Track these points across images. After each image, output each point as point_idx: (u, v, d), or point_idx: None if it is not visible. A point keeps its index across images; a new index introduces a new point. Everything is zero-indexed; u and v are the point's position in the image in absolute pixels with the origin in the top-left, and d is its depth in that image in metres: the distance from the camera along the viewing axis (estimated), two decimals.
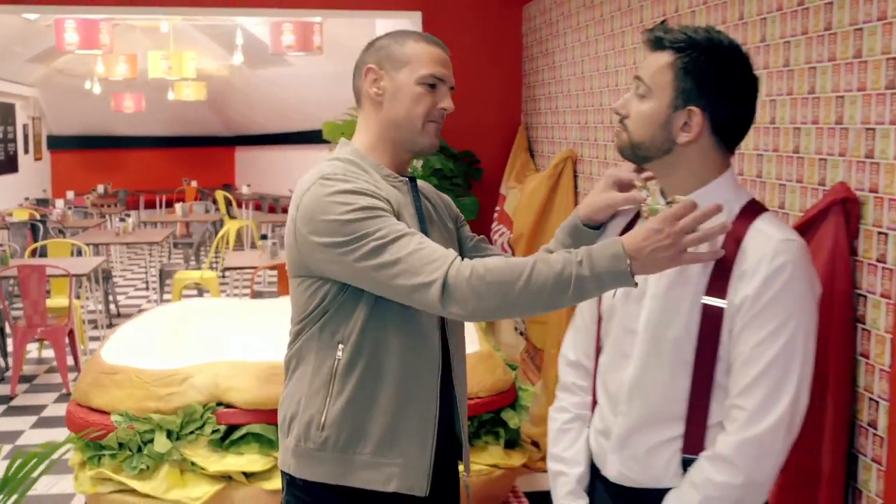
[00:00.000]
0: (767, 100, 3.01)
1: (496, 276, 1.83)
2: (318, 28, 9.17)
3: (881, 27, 2.43)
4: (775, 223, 1.82)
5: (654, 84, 1.82)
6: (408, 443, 2.09)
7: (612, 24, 4.45)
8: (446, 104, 2.15)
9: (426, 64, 2.13)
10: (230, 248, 11.08)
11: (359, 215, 1.95)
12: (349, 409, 2.08)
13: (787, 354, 1.73)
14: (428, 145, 2.16)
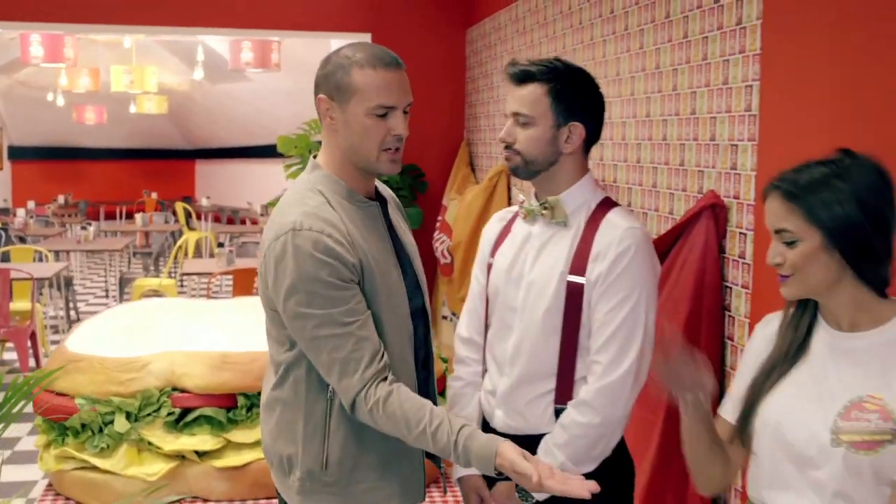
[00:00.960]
0: (660, 119, 3.45)
1: (399, 417, 1.98)
2: (277, 46, 9.55)
3: (741, 59, 2.87)
4: (623, 215, 2.25)
5: (534, 112, 2.23)
6: (404, 463, 2.18)
7: (540, 49, 4.88)
8: (400, 130, 2.07)
9: (374, 94, 2.03)
10: (189, 258, 11.38)
11: (306, 289, 1.99)
12: (348, 446, 2.12)
13: (632, 318, 2.15)
14: (386, 171, 2.12)
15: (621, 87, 3.81)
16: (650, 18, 3.53)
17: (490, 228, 2.47)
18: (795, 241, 1.67)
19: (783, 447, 1.72)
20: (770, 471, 1.76)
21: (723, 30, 2.98)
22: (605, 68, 3.98)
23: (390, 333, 2.12)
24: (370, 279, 2.08)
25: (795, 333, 1.77)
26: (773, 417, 1.74)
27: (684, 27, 3.25)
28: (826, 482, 1.64)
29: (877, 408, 1.61)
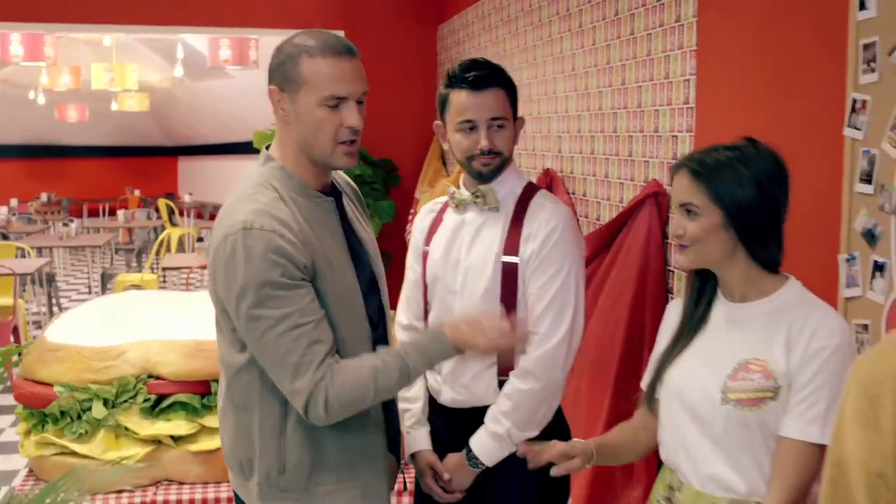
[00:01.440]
0: (611, 112, 3.61)
1: (351, 379, 1.95)
2: (255, 43, 9.67)
3: (680, 54, 3.04)
4: (549, 197, 2.43)
5: (505, 114, 2.38)
6: (364, 466, 2.13)
7: (504, 46, 5.04)
8: (353, 122, 2.00)
9: (325, 84, 1.97)
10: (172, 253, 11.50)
11: (258, 292, 1.92)
12: (304, 448, 2.07)
13: (564, 290, 2.32)
14: (343, 166, 2.07)
15: (577, 82, 3.97)
16: (601, 16, 3.69)
17: (421, 220, 2.62)
18: (698, 215, 1.84)
19: (684, 409, 1.89)
20: (674, 433, 1.93)
21: (664, 27, 3.15)
22: (562, 64, 4.14)
23: (345, 333, 2.05)
24: (323, 278, 2.01)
25: (696, 307, 1.95)
26: (674, 384, 1.91)
27: (631, 24, 3.42)
28: (720, 438, 1.81)
29: (760, 369, 1.79)
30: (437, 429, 2.51)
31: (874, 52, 2.09)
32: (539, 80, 4.44)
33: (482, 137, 2.34)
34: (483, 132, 2.34)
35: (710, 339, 1.90)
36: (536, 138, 4.49)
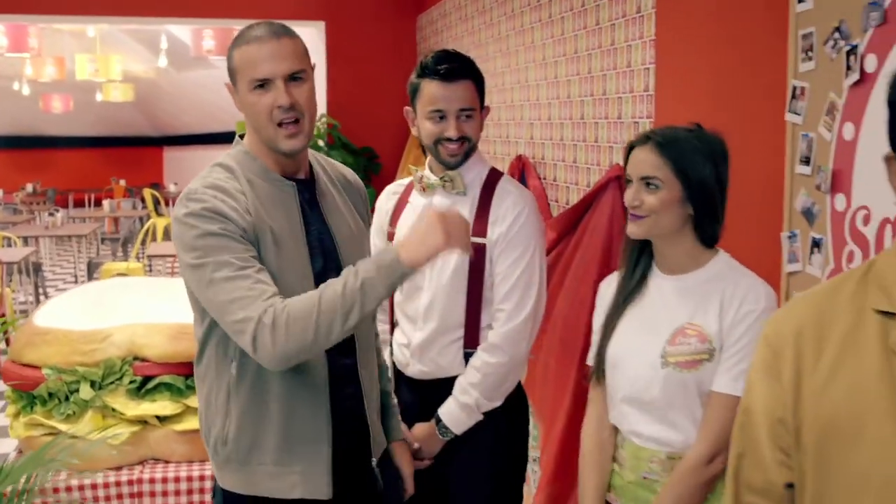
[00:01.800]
0: (578, 99, 3.75)
1: (303, 302, 1.92)
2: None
3: (640, 44, 3.18)
4: (513, 183, 2.57)
5: (474, 104, 2.52)
6: (304, 450, 2.11)
7: (479, 36, 5.17)
8: (281, 101, 2.00)
9: (248, 69, 2.02)
10: (158, 242, 11.59)
11: (200, 243, 1.96)
12: (245, 422, 2.10)
13: (529, 270, 2.48)
14: (287, 150, 2.06)
15: (547, 71, 4.11)
16: (570, 6, 3.83)
17: (385, 202, 2.77)
18: (659, 188, 1.97)
19: (625, 374, 2.04)
20: (619, 399, 2.07)
21: (626, 17, 3.29)
22: (533, 53, 4.27)
23: None
24: (267, 251, 2.03)
25: (632, 281, 2.09)
26: (617, 352, 2.05)
27: (596, 15, 3.55)
28: (659, 399, 1.96)
29: (696, 333, 1.94)
30: (405, 400, 2.65)
31: (811, 42, 2.24)
32: (512, 68, 4.58)
33: (451, 127, 2.47)
34: (452, 122, 2.48)
35: (647, 308, 2.05)
36: (510, 125, 4.63)
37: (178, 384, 4.31)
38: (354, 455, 2.23)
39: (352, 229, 2.22)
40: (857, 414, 1.19)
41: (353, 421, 2.20)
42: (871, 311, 1.22)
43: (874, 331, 1.21)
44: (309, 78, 2.07)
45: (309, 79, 2.07)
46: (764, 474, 1.30)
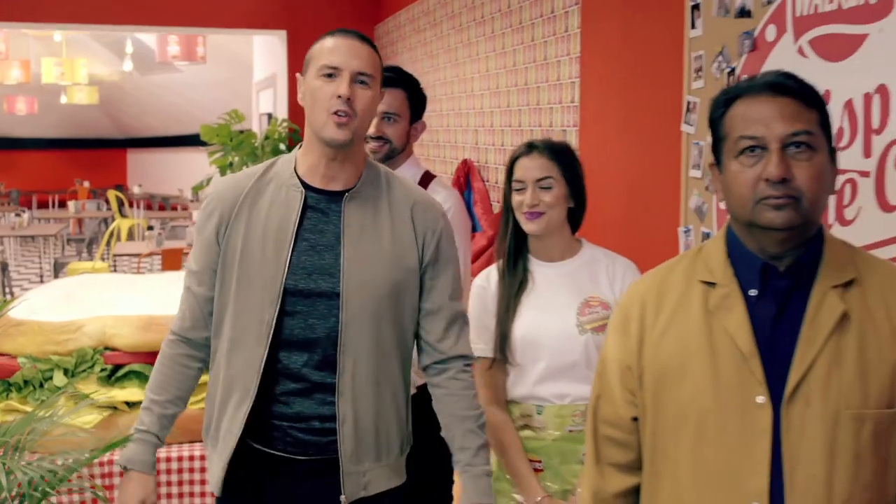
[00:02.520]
0: (516, 108, 4.10)
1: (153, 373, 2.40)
2: (202, 39, 10.04)
3: (568, 60, 3.53)
4: (442, 184, 2.91)
5: (400, 112, 2.85)
6: (219, 439, 2.18)
7: (431, 47, 5.51)
8: (342, 91, 2.02)
9: (322, 56, 2.08)
10: (123, 242, 11.82)
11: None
12: (207, 405, 2.26)
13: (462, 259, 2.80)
14: (330, 137, 2.05)
15: (490, 81, 4.46)
16: (509, 23, 4.18)
17: None
18: (552, 188, 2.32)
19: (541, 351, 2.36)
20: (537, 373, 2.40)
21: (556, 35, 3.64)
22: (478, 64, 4.62)
23: (242, 310, 2.12)
24: (232, 252, 2.12)
25: (516, 275, 2.42)
26: (526, 331, 2.37)
27: (532, 32, 3.91)
28: (581, 360, 2.30)
29: (598, 302, 2.31)
30: None
31: (701, 64, 2.60)
32: (460, 79, 4.92)
33: (372, 126, 2.81)
34: (375, 121, 2.82)
35: (542, 293, 2.39)
36: (458, 131, 4.98)
37: (146, 372, 4.60)
38: (324, 479, 2.13)
39: (383, 249, 2.12)
40: (683, 361, 1.55)
41: (320, 436, 2.12)
42: (697, 281, 1.58)
43: (698, 297, 1.57)
44: (374, 87, 2.09)
45: (374, 88, 2.09)
46: (615, 410, 1.66)
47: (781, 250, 1.51)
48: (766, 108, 1.49)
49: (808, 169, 1.47)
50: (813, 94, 1.52)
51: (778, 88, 1.50)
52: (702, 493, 1.53)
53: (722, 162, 1.56)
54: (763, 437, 1.47)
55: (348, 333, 2.08)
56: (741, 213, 1.53)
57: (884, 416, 1.47)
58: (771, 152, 1.47)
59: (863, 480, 1.46)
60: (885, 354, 1.48)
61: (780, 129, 1.47)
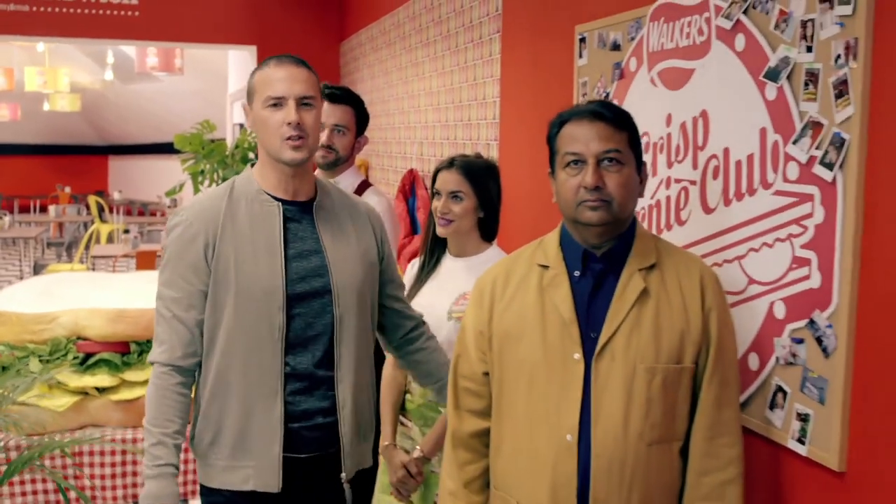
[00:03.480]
0: (453, 123, 4.54)
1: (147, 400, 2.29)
2: (180, 52, 10.47)
3: (491, 81, 3.98)
4: (376, 191, 3.34)
5: (348, 125, 3.30)
6: (258, 447, 2.26)
7: (386, 65, 5.95)
8: (291, 117, 2.18)
9: (265, 88, 2.21)
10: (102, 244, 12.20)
11: (165, 257, 2.30)
12: (208, 422, 2.30)
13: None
14: (289, 160, 2.21)
15: (432, 98, 4.90)
16: (448, 46, 4.62)
17: None
18: (462, 199, 2.75)
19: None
20: None
21: (483, 59, 4.09)
22: (424, 82, 5.06)
23: (247, 325, 2.24)
24: (224, 269, 2.24)
25: (431, 262, 2.85)
26: (418, 307, 2.78)
27: (465, 55, 4.35)
28: (445, 343, 2.71)
29: None
30: None
31: (586, 89, 3.05)
32: (409, 95, 5.36)
33: (323, 136, 3.25)
34: (325, 132, 3.25)
35: (440, 280, 2.82)
36: (406, 143, 5.42)
37: (115, 360, 5.03)
38: (324, 465, 2.35)
39: (353, 249, 2.38)
40: (521, 326, 1.98)
41: (322, 431, 2.32)
42: (536, 265, 2.02)
43: (536, 277, 2.01)
44: (317, 106, 2.27)
45: (317, 107, 2.27)
46: (471, 366, 2.09)
47: (599, 241, 1.96)
48: (586, 130, 1.93)
49: (618, 179, 1.92)
50: (624, 119, 1.97)
51: (595, 115, 1.95)
52: (532, 428, 1.96)
53: (555, 171, 2.00)
54: (577, 385, 1.91)
55: (342, 325, 2.31)
56: (567, 212, 1.97)
57: (671, 370, 1.90)
58: (588, 166, 1.91)
59: (652, 420, 1.90)
60: (675, 322, 1.92)
61: (596, 147, 1.91)
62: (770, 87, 2.10)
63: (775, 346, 2.10)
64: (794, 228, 2.03)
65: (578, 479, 1.90)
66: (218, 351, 2.25)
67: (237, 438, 2.26)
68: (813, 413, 1.99)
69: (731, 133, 2.25)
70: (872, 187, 1.84)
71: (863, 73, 1.84)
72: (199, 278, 2.25)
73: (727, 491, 1.92)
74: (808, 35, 1.98)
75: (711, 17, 2.33)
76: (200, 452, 2.33)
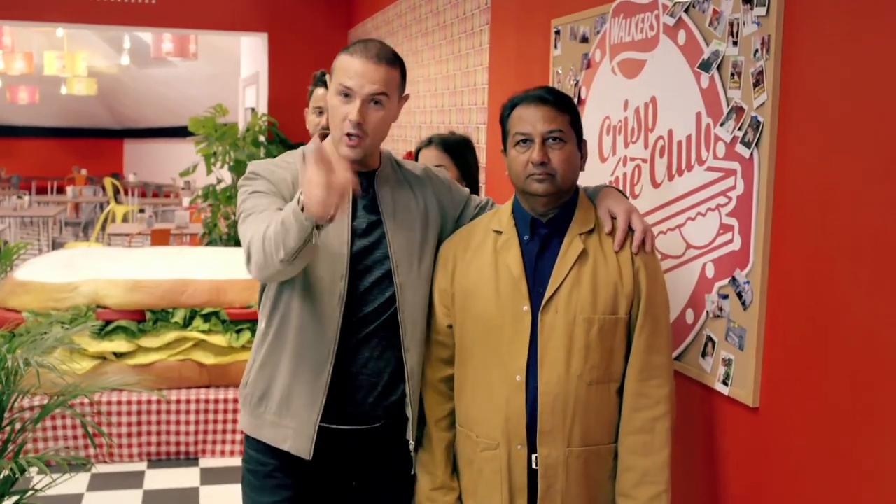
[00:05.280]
0: (447, 108, 4.86)
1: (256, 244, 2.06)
2: (194, 38, 10.80)
3: (481, 69, 4.30)
4: None
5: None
6: (300, 411, 2.28)
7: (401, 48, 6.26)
8: (352, 115, 2.15)
9: (341, 74, 2.18)
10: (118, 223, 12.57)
11: (243, 194, 2.26)
12: (261, 372, 2.34)
13: None
14: (344, 155, 2.19)
15: (430, 85, 5.22)
16: (444, 36, 4.94)
17: None
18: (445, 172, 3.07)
19: None
20: None
21: (474, 48, 4.41)
22: (423, 70, 5.38)
23: (307, 284, 2.26)
24: None
25: None
26: None
27: (459, 44, 4.67)
28: None
29: None
30: None
31: (560, 77, 3.36)
32: (411, 81, 5.67)
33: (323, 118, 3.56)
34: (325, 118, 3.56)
35: None
36: (407, 128, 5.74)
37: (132, 328, 5.38)
38: (389, 433, 2.39)
39: (414, 216, 2.37)
40: (477, 284, 2.30)
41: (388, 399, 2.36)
42: (492, 231, 2.34)
43: (491, 241, 2.32)
44: (389, 105, 2.22)
45: (388, 106, 2.22)
46: (438, 320, 2.40)
47: (545, 209, 2.27)
48: (533, 113, 2.25)
49: (560, 155, 2.23)
50: (566, 102, 2.28)
51: (541, 100, 2.26)
52: (488, 372, 2.27)
53: (507, 149, 2.32)
54: (525, 333, 2.22)
55: (403, 295, 2.33)
56: (518, 184, 2.29)
57: (608, 320, 2.22)
58: (535, 144, 2.23)
59: (591, 363, 2.21)
60: (610, 279, 2.23)
61: (541, 127, 2.23)
62: (704, 77, 2.42)
63: (706, 302, 2.42)
64: (721, 199, 2.35)
65: (527, 414, 2.21)
66: (282, 305, 2.28)
67: (284, 396, 2.29)
68: (734, 358, 2.31)
69: (674, 117, 2.57)
70: (782, 162, 2.16)
71: (774, 64, 2.15)
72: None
73: (657, 425, 2.22)
74: (735, 32, 2.30)
75: (660, 14, 2.65)
76: (252, 403, 2.35)
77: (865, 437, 1.90)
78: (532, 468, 2.22)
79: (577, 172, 2.29)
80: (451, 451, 2.41)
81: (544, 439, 2.20)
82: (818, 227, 2.04)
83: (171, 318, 5.36)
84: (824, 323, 2.02)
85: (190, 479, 4.92)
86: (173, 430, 5.23)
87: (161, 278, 5.49)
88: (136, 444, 5.19)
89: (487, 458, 2.27)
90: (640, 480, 2.20)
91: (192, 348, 5.34)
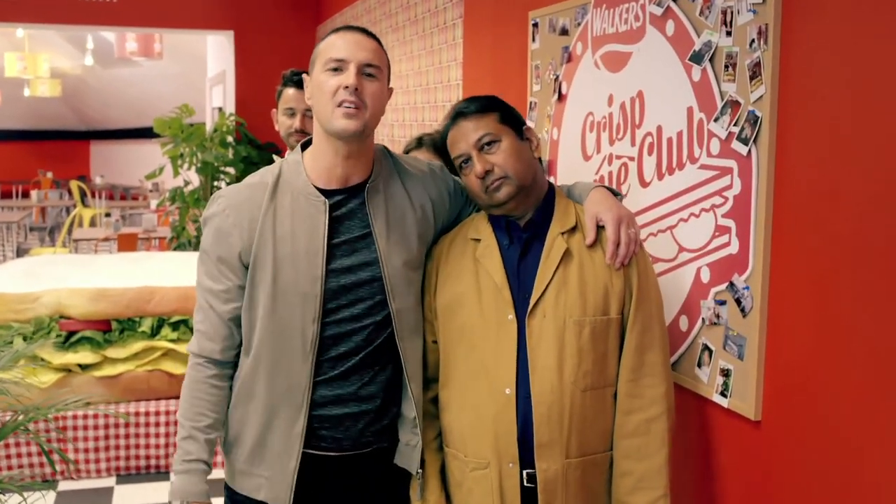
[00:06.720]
0: (421, 105, 4.71)
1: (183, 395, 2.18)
2: (159, 37, 10.57)
3: (454, 64, 4.15)
4: None
5: None
6: (273, 459, 2.16)
7: None
8: (350, 81, 1.99)
9: (327, 51, 2.04)
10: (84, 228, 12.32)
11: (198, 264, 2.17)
12: (232, 417, 2.21)
13: None
14: (340, 128, 2.01)
15: (401, 82, 5.06)
16: (416, 31, 4.78)
17: None
18: None
19: None
20: None
21: (447, 43, 4.25)
22: (392, 67, 5.22)
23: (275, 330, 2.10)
24: (261, 269, 2.08)
25: None
26: None
27: (431, 39, 4.51)
28: None
29: None
30: None
31: (538, 71, 3.22)
32: None
33: (296, 119, 3.40)
34: (299, 117, 3.40)
35: None
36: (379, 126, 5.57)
37: (97, 338, 5.19)
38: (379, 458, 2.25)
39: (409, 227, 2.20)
40: (460, 295, 2.16)
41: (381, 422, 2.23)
42: (470, 240, 2.20)
43: (471, 250, 2.18)
44: (382, 79, 2.08)
45: (382, 80, 2.08)
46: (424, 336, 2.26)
47: (520, 212, 2.15)
48: (458, 132, 2.17)
49: (501, 155, 2.11)
50: (485, 104, 2.16)
51: (459, 115, 2.17)
52: (474, 387, 2.13)
53: (461, 177, 2.19)
54: (511, 343, 2.09)
55: (400, 319, 2.17)
56: (482, 203, 2.20)
57: (599, 321, 2.08)
58: (473, 159, 2.11)
59: (584, 368, 2.08)
60: (598, 278, 2.09)
61: (471, 140, 2.12)
62: (695, 69, 2.28)
63: (702, 308, 2.29)
64: (716, 199, 2.21)
65: (518, 429, 2.07)
66: (251, 353, 2.13)
67: (255, 445, 2.17)
68: (733, 368, 2.17)
69: (664, 112, 2.43)
70: (782, 160, 2.02)
71: (772, 55, 2.01)
72: (234, 274, 2.12)
73: (652, 427, 2.09)
74: (728, 21, 2.16)
75: (646, 3, 2.51)
76: (225, 450, 2.25)
77: (878, 454, 1.77)
78: (524, 486, 2.08)
79: (531, 162, 2.18)
80: (443, 474, 2.27)
81: (542, 453, 2.07)
82: (823, 229, 1.90)
83: (137, 327, 5.18)
84: (830, 330, 1.89)
85: (160, 494, 4.74)
86: (143, 444, 5.05)
87: (126, 286, 5.30)
88: (105, 459, 5.00)
89: (477, 479, 2.13)
90: (637, 486, 2.09)
91: (160, 358, 5.16)
